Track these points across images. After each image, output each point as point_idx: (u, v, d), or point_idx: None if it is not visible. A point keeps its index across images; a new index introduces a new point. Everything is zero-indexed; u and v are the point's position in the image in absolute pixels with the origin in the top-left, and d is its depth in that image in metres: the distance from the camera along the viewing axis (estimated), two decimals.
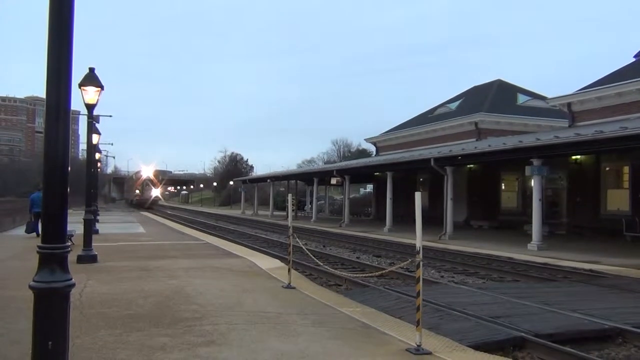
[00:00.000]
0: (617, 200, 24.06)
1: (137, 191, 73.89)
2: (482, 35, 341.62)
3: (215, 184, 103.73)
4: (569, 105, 27.16)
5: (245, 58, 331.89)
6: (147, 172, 74.59)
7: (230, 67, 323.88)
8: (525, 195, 28.73)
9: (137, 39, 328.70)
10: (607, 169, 24.97)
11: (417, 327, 5.57)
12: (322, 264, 11.89)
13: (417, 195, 5.70)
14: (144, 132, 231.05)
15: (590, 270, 13.60)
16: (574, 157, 24.13)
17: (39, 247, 3.38)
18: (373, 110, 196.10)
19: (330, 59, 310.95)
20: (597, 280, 12.35)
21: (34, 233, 18.81)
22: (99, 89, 11.77)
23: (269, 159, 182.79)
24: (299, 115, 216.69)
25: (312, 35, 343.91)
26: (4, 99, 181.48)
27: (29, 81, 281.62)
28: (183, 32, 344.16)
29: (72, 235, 14.26)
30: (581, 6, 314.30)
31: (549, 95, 31.58)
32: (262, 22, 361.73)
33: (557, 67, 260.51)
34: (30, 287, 3.31)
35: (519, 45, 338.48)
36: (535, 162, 18.97)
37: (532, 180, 20.02)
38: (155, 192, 74.21)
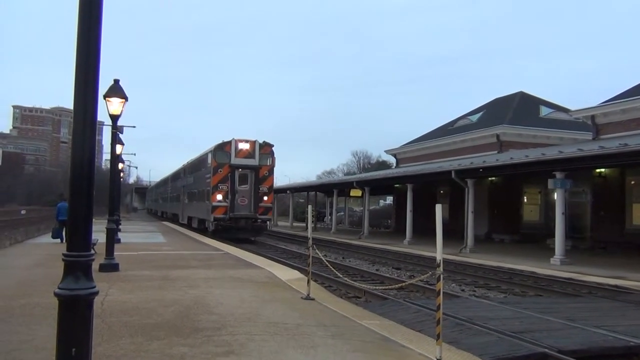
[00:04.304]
0: None
1: (219, 196, 28.66)
2: (503, 46, 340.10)
3: None
4: (592, 117, 26.79)
5: (264, 68, 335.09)
6: (244, 148, 29.34)
7: (249, 78, 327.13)
8: (547, 208, 28.34)
9: (158, 50, 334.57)
10: (633, 182, 24.49)
11: (437, 340, 5.52)
12: (341, 275, 11.87)
13: (438, 208, 5.67)
14: (164, 141, 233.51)
15: (616, 286, 13.33)
16: (598, 170, 23.75)
17: (64, 255, 3.44)
18: (393, 121, 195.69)
19: (350, 69, 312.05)
20: (622, 296, 12.09)
21: (59, 239, 19.58)
22: (124, 100, 11.95)
23: (288, 170, 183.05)
24: (319, 126, 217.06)
25: (332, 45, 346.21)
26: (30, 109, 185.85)
27: (55, 92, 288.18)
28: (203, 43, 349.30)
29: (95, 244, 14.47)
30: (605, 16, 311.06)
31: (572, 108, 31.19)
32: (281, 33, 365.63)
33: (580, 78, 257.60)
34: (55, 294, 3.37)
35: (541, 56, 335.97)
36: (559, 175, 18.74)
37: (555, 194, 19.73)
38: (267, 200, 29.69)
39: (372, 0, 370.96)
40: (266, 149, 29.65)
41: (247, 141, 29.20)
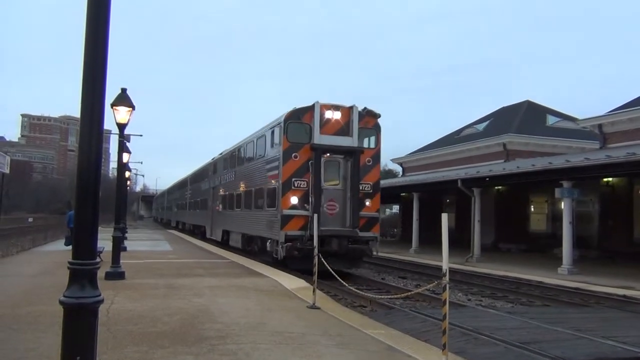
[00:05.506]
0: None
1: (293, 199, 15.99)
2: (510, 55, 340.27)
3: None
4: (599, 126, 26.69)
5: (272, 79, 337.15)
6: (334, 119, 16.48)
7: (256, 87, 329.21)
8: (555, 218, 28.16)
9: (167, 60, 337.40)
10: None
11: (443, 350, 5.47)
12: (346, 284, 11.80)
13: (444, 217, 5.65)
14: (171, 150, 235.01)
15: (624, 296, 13.20)
16: (605, 179, 23.62)
17: (69, 262, 3.45)
18: (400, 130, 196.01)
19: (356, 79, 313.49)
20: (631, 307, 11.96)
21: (70, 246, 19.70)
22: (131, 108, 12.00)
23: None
24: None
25: (338, 56, 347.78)
26: (38, 118, 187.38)
27: (63, 101, 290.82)
28: (211, 53, 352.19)
29: (101, 252, 14.50)
30: (611, 22, 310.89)
31: (579, 117, 31.10)
32: (288, 44, 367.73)
33: (587, 87, 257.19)
34: (61, 302, 3.38)
35: (547, 65, 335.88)
36: (566, 184, 18.65)
37: (562, 203, 19.63)
38: (370, 206, 16.75)
39: (379, 12, 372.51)
40: (369, 120, 17.38)
41: (337, 107, 16.95)
